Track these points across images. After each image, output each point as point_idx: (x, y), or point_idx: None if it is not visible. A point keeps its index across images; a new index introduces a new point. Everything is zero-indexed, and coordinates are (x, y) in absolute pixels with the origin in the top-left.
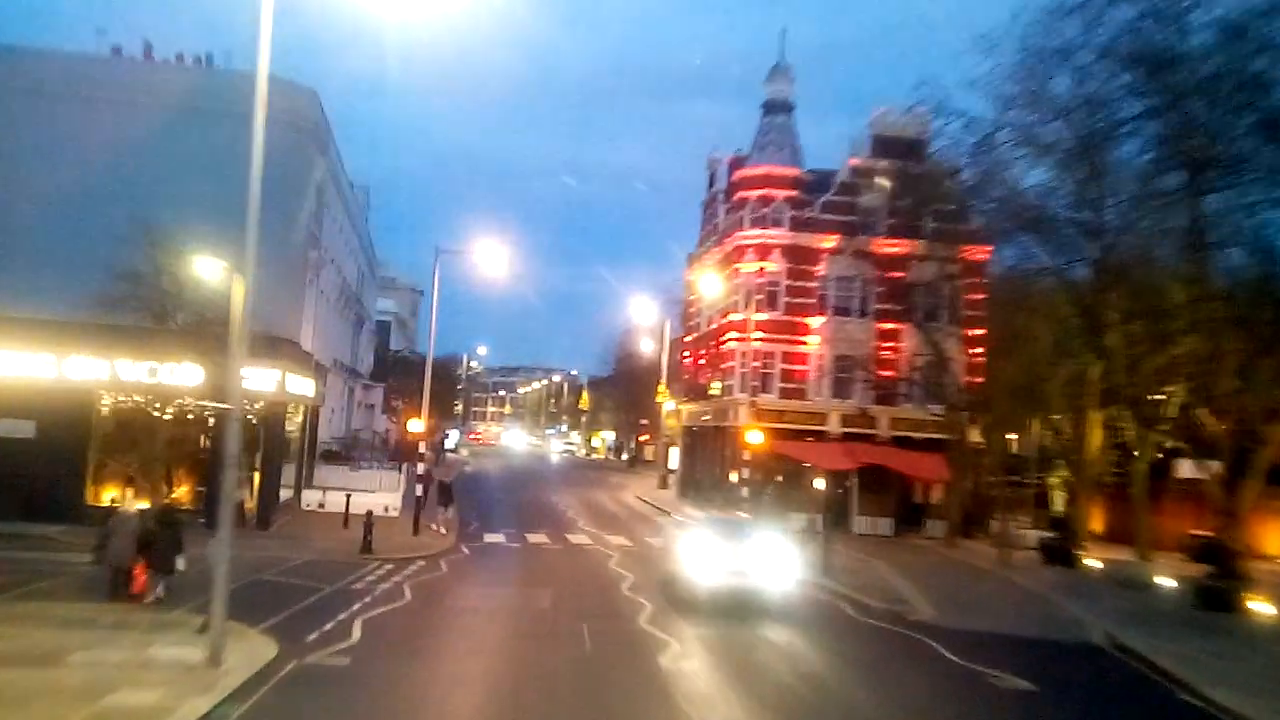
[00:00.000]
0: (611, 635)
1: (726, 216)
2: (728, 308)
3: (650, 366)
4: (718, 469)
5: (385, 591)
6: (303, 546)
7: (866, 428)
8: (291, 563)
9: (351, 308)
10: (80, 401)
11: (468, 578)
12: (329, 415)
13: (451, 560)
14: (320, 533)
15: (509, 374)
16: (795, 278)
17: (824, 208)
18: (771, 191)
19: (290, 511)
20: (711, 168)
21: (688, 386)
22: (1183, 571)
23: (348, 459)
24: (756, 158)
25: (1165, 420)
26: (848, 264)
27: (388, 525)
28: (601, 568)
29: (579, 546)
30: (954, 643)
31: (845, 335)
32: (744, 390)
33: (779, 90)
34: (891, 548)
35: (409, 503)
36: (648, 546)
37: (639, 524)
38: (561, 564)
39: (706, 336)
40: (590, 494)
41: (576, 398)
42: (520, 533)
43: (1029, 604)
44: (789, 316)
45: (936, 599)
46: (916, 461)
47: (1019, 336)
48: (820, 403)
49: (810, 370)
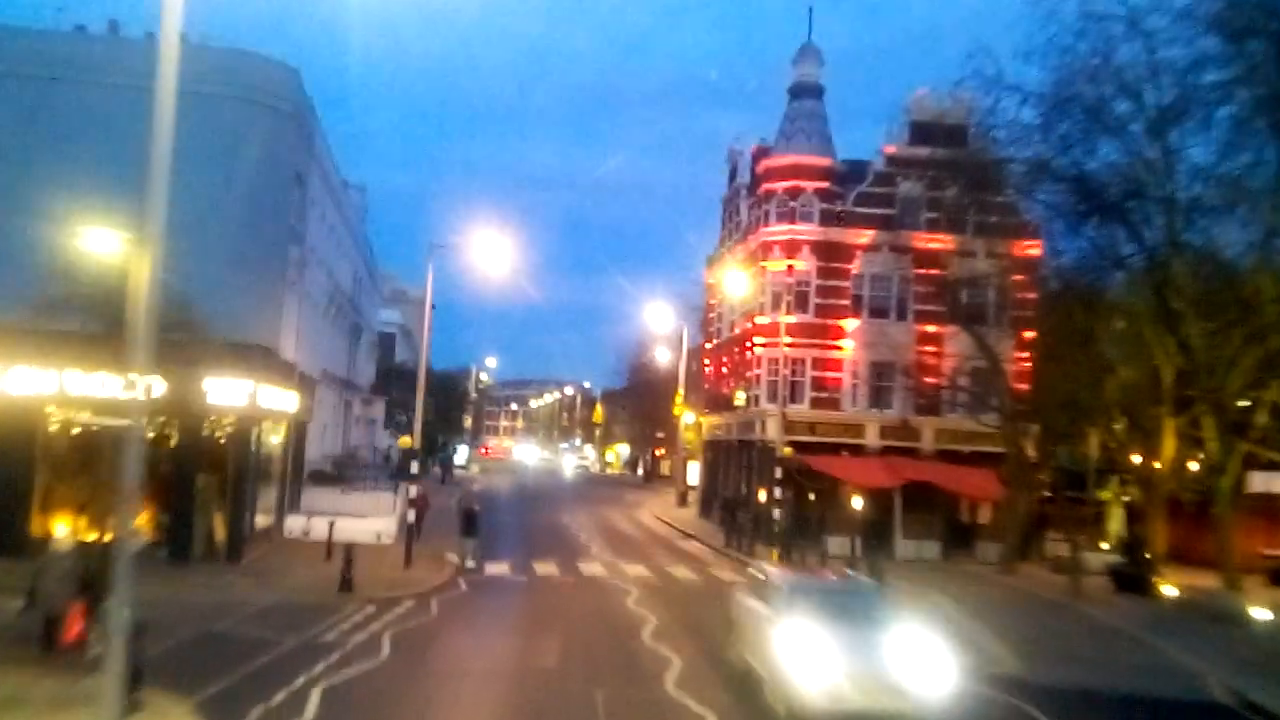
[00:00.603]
0: (634, 709)
1: (750, 212)
2: (752, 310)
3: (666, 377)
4: (743, 486)
5: (359, 645)
6: (274, 584)
7: (908, 440)
8: (254, 606)
9: (346, 315)
10: (24, 418)
11: (461, 624)
12: (319, 431)
13: (445, 600)
14: (299, 566)
15: (521, 387)
16: (827, 277)
17: (858, 200)
18: (800, 183)
19: (269, 541)
20: (732, 160)
21: (709, 397)
22: (1273, 598)
23: (340, 480)
24: (783, 146)
25: (1256, 428)
26: (884, 261)
27: (378, 556)
28: (618, 608)
29: (592, 579)
30: (1058, 707)
31: (883, 339)
32: (772, 400)
33: (807, 73)
34: (943, 576)
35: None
36: (669, 578)
37: (658, 550)
38: (572, 603)
39: (729, 343)
40: (604, 514)
41: (589, 411)
42: (527, 562)
43: (1123, 647)
44: (820, 319)
45: (1017, 644)
46: (966, 478)
47: (1079, 337)
48: (856, 413)
49: (844, 378)
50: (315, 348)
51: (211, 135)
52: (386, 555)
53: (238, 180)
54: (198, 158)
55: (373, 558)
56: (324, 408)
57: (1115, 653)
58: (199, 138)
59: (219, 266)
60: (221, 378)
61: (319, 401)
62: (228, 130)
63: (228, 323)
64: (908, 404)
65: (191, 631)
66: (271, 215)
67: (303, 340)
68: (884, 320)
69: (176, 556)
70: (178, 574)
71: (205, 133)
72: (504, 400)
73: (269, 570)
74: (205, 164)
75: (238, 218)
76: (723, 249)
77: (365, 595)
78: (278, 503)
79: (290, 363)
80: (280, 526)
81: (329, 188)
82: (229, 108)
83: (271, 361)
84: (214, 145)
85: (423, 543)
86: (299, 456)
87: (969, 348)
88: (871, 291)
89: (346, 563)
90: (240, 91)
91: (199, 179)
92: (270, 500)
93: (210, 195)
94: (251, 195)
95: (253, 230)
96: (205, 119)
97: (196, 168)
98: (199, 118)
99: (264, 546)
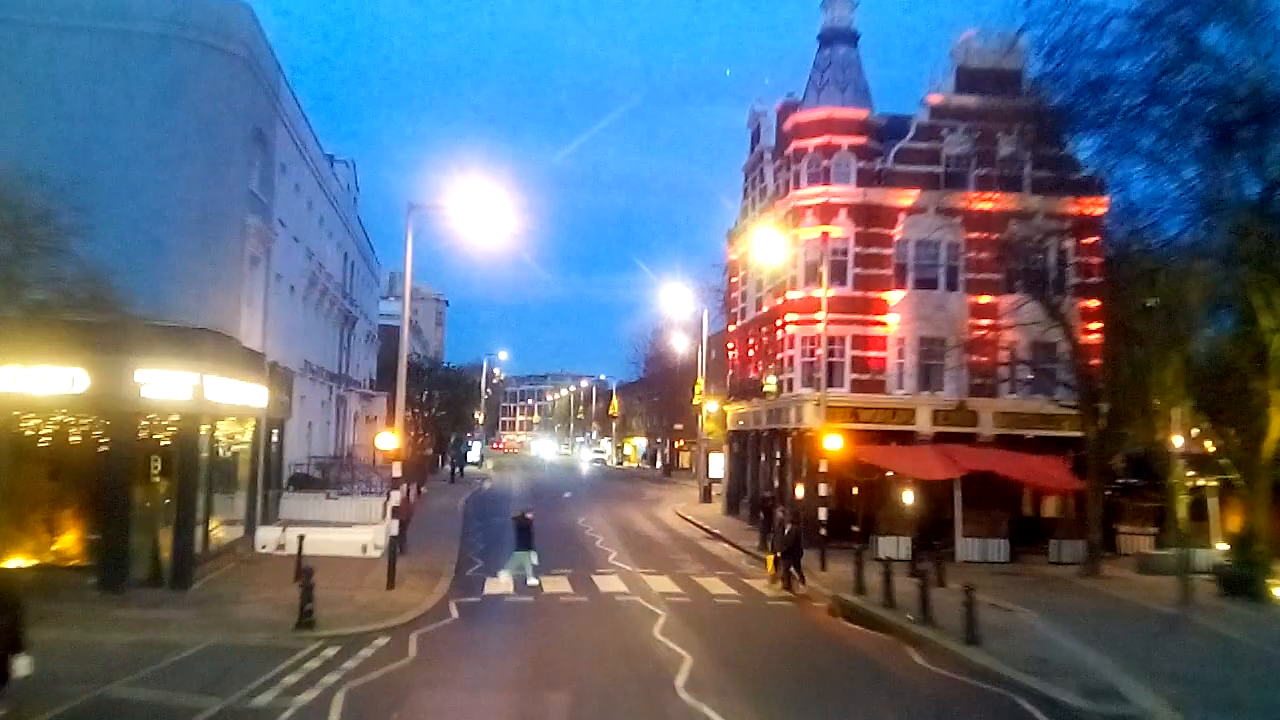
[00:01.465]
0: None
1: (777, 176)
2: (782, 285)
3: (684, 366)
4: (774, 480)
5: (301, 713)
6: (220, 617)
7: (964, 425)
8: (184, 651)
9: (335, 303)
10: None
11: (442, 673)
12: (304, 430)
13: (429, 635)
14: (261, 590)
15: (536, 382)
16: (866, 244)
17: (899, 157)
18: (834, 139)
19: (234, 558)
20: (754, 122)
21: (734, 384)
22: None
23: (327, 484)
24: (813, 100)
25: None
26: (931, 224)
27: (360, 573)
28: (642, 640)
29: (610, 598)
30: None
31: (931, 312)
32: (808, 384)
33: (839, 16)
34: (1018, 583)
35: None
36: (701, 594)
37: (684, 555)
38: (585, 634)
39: (756, 323)
40: (623, 512)
41: (606, 404)
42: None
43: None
44: (860, 291)
45: (1155, 679)
46: (1037, 467)
47: (1159, 301)
48: (904, 396)
49: (889, 357)
50: (292, 336)
51: (146, 80)
52: (370, 572)
53: (179, 132)
54: (130, 105)
55: (353, 576)
56: (308, 404)
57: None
58: (131, 82)
59: (156, 233)
60: (159, 368)
61: (301, 397)
62: (166, 75)
63: (170, 302)
64: (961, 384)
65: (86, 694)
66: (223, 176)
67: (274, 327)
68: (932, 291)
69: (109, 584)
70: (105, 607)
71: (139, 77)
72: (520, 395)
73: (221, 598)
74: (139, 113)
75: (181, 177)
76: (745, 221)
77: (329, 630)
78: (247, 513)
79: (256, 352)
80: (251, 540)
81: (305, 156)
82: (167, 49)
83: (226, 349)
84: (150, 92)
85: (415, 555)
86: (276, 459)
87: (1030, 318)
88: (917, 259)
89: (305, 591)
90: (180, 30)
91: (132, 130)
92: (239, 510)
93: (146, 149)
94: (197, 151)
95: (199, 191)
96: (137, 61)
97: (128, 116)
98: (130, 59)
99: (226, 566)
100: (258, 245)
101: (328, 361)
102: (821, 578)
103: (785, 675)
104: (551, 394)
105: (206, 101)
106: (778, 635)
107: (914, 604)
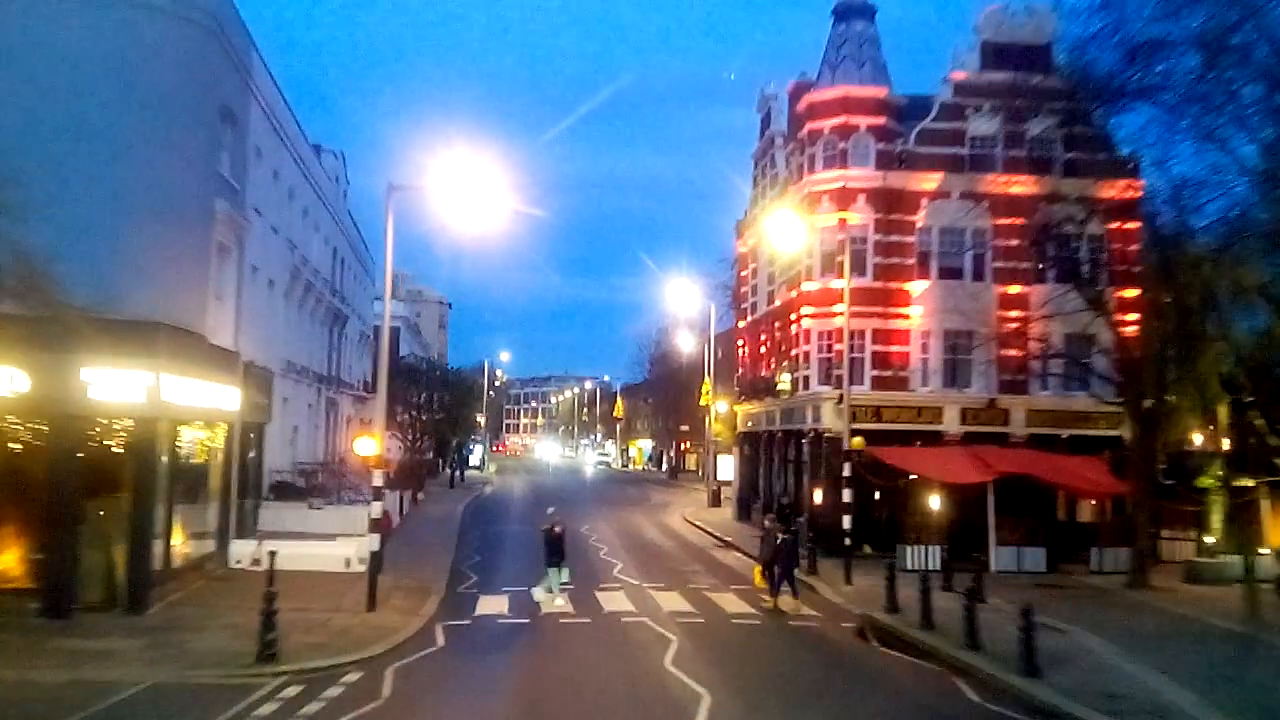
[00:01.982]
0: None
1: (790, 160)
2: (796, 277)
3: (690, 367)
4: (789, 484)
5: None
6: (174, 648)
7: (994, 424)
8: (118, 694)
9: (321, 300)
10: None
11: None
12: (287, 435)
13: (407, 668)
14: (224, 614)
15: (540, 384)
16: (887, 231)
17: (920, 138)
18: (851, 119)
19: (203, 576)
20: (764, 106)
21: (744, 383)
22: None
23: (311, 492)
24: (828, 78)
25: None
26: (955, 210)
27: (340, 591)
28: (653, 673)
29: (615, 619)
30: None
31: (957, 303)
32: (825, 381)
33: None
34: (1062, 596)
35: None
36: (715, 614)
37: (695, 566)
38: (587, 665)
39: (768, 318)
40: (629, 518)
41: (610, 406)
42: (531, 592)
43: None
44: (881, 282)
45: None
46: (1075, 470)
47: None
48: (929, 394)
49: (912, 351)
50: (271, 334)
51: (97, 49)
52: (351, 590)
53: (134, 106)
54: (77, 75)
55: (332, 596)
56: (292, 407)
57: None
58: (80, 51)
59: (107, 217)
60: (108, 366)
61: (283, 399)
62: (120, 43)
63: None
64: (991, 381)
65: None
66: (185, 156)
67: (250, 324)
68: (958, 281)
69: (54, 609)
70: (45, 636)
71: (88, 46)
72: (523, 397)
73: (179, 623)
74: (87, 83)
75: (136, 155)
76: (755, 211)
77: (294, 664)
78: (219, 525)
79: (227, 350)
80: (223, 555)
81: (286, 142)
82: (119, 14)
83: (188, 346)
84: (101, 61)
85: (404, 569)
86: (255, 466)
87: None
88: (941, 247)
89: (266, 619)
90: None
91: (80, 103)
92: (209, 522)
93: (96, 124)
94: (155, 127)
95: (157, 172)
96: (85, 27)
97: (75, 87)
98: (78, 25)
99: (193, 584)
100: (227, 233)
101: (315, 362)
102: (847, 593)
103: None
104: (555, 396)
105: (166, 72)
106: (806, 666)
107: (958, 625)
